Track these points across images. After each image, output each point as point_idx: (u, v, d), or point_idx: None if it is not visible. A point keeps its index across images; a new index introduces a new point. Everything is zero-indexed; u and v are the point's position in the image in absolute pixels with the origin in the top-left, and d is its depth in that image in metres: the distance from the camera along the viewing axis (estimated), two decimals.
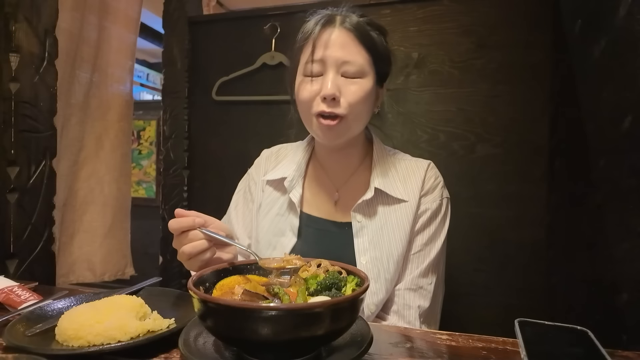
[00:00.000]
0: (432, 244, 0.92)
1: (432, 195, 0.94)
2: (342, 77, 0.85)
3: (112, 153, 1.68)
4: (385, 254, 0.89)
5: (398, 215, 0.92)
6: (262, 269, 0.67)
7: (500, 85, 1.32)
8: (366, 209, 0.92)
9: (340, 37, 0.85)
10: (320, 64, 0.85)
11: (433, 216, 0.93)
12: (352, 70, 0.84)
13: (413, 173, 0.95)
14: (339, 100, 0.84)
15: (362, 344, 0.54)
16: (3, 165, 1.18)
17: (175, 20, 1.66)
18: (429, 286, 0.91)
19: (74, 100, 1.53)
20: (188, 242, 0.72)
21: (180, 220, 0.73)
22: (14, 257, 1.19)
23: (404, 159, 1.00)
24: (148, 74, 5.96)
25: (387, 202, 0.93)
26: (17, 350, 0.56)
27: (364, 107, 0.87)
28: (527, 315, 0.57)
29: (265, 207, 1.00)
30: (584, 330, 0.54)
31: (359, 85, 0.85)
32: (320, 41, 0.86)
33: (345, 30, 0.86)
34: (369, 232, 0.91)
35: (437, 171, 0.98)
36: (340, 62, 0.84)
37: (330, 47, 0.85)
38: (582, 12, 1.01)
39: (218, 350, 0.55)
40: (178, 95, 1.67)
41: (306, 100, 0.87)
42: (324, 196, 0.98)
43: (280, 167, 1.02)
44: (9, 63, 1.17)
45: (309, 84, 0.86)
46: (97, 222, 1.66)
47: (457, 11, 1.35)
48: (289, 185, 0.97)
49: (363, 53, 0.85)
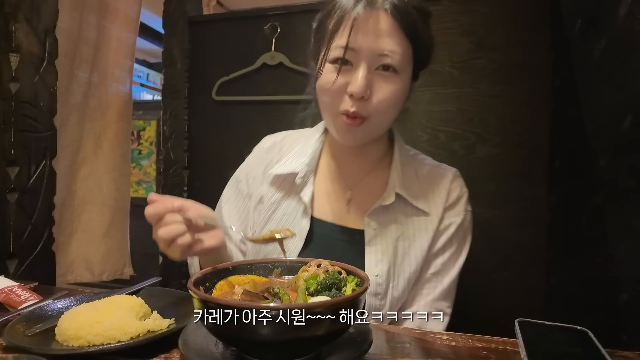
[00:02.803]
0: (453, 263, 0.83)
1: (457, 208, 0.84)
2: (375, 71, 0.73)
3: (111, 153, 1.68)
4: (397, 268, 0.80)
5: (417, 228, 0.82)
6: (262, 269, 0.67)
7: (500, 85, 1.32)
8: (382, 216, 0.82)
9: (381, 22, 0.71)
10: (353, 53, 0.72)
11: (456, 232, 0.83)
12: (389, 63, 0.72)
13: (436, 181, 0.85)
14: (368, 98, 0.73)
15: (362, 344, 0.54)
16: (3, 165, 1.18)
17: (175, 20, 1.66)
18: (448, 309, 0.82)
19: (72, 100, 1.53)
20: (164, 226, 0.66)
21: (155, 206, 0.67)
22: (14, 257, 1.19)
23: (426, 163, 0.90)
24: (148, 74, 5.96)
25: (405, 211, 0.83)
26: (17, 350, 0.56)
27: (394, 108, 0.77)
28: (527, 315, 0.57)
29: (269, 205, 0.89)
30: (584, 330, 0.54)
31: (394, 83, 0.74)
32: (358, 24, 0.71)
33: (387, 15, 0.71)
34: (382, 242, 0.81)
35: (462, 181, 0.88)
36: (377, 54, 0.71)
37: (369, 34, 0.71)
38: (582, 12, 1.01)
39: (218, 350, 0.55)
40: (178, 95, 1.67)
41: (330, 94, 0.75)
42: (335, 195, 0.88)
43: (288, 159, 0.90)
44: (9, 63, 1.17)
45: (333, 73, 0.74)
46: (96, 222, 1.65)
47: (457, 11, 1.34)
48: (301, 182, 0.86)
49: (404, 44, 0.73)
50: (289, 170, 0.88)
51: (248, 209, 0.93)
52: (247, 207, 0.93)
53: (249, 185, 0.94)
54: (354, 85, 0.72)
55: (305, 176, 0.87)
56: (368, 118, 0.75)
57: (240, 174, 0.97)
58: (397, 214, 0.82)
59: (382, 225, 0.82)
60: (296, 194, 0.87)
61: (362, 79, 0.71)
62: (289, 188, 0.88)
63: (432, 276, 0.82)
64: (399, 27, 0.72)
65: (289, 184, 0.88)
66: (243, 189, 0.95)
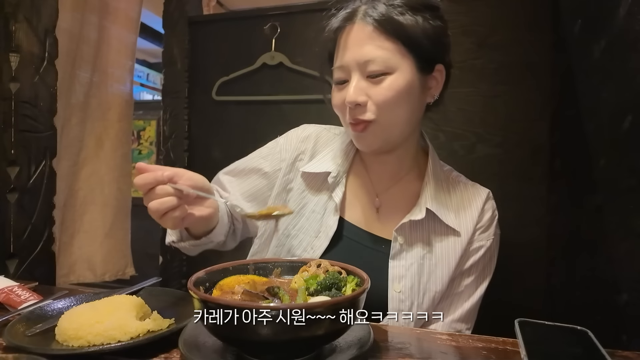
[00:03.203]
0: (476, 286, 0.82)
1: (488, 231, 0.83)
2: (367, 79, 0.75)
3: (112, 153, 1.68)
4: (422, 286, 0.79)
5: (446, 246, 0.81)
6: (262, 269, 0.67)
7: (500, 85, 1.32)
8: (411, 231, 0.81)
9: (360, 32, 0.75)
10: (342, 71, 0.77)
11: (484, 255, 0.83)
12: (376, 68, 0.74)
13: (470, 200, 0.84)
14: (366, 105, 0.75)
15: (362, 344, 0.54)
16: (3, 165, 1.18)
17: (175, 20, 1.66)
18: (467, 331, 0.82)
19: (74, 100, 1.53)
20: (155, 199, 0.65)
21: (145, 177, 0.66)
22: (14, 257, 1.19)
23: (459, 180, 0.89)
24: (148, 74, 5.96)
25: (435, 228, 0.81)
26: (17, 350, 0.56)
27: (399, 107, 0.76)
28: (527, 315, 0.57)
29: (299, 198, 0.88)
30: (584, 330, 0.54)
31: (388, 83, 0.74)
32: (344, 43, 0.77)
33: (365, 24, 0.75)
34: (408, 257, 0.80)
35: (494, 203, 0.87)
36: (361, 62, 0.74)
37: (353, 47, 0.76)
38: (582, 12, 1.01)
39: (218, 350, 0.55)
40: (178, 95, 1.67)
41: (338, 109, 0.81)
42: (364, 200, 0.87)
43: (321, 157, 0.90)
44: (9, 63, 1.17)
45: (338, 92, 0.79)
46: (98, 222, 1.66)
47: (457, 11, 1.34)
48: (333, 181, 0.86)
49: (388, 45, 0.74)
50: (322, 169, 0.87)
51: (260, 187, 0.92)
52: (261, 185, 0.92)
53: (272, 165, 0.92)
54: (347, 95, 0.75)
55: (338, 176, 0.87)
56: (373, 121, 0.76)
57: (267, 152, 0.95)
58: (426, 230, 0.81)
59: (409, 240, 0.81)
60: (327, 192, 0.86)
61: (352, 88, 0.75)
62: (319, 186, 0.88)
63: (454, 296, 0.81)
64: (379, 30, 0.74)
65: (320, 181, 0.88)
66: (265, 167, 0.93)
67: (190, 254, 0.90)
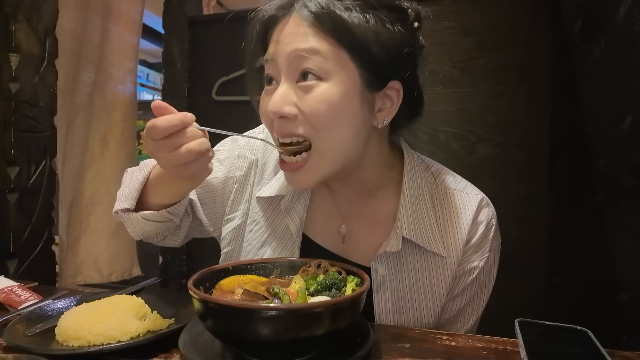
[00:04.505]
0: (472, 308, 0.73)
1: (481, 250, 0.71)
2: (297, 85, 0.60)
3: (117, 153, 1.69)
4: (412, 320, 0.70)
5: (434, 273, 0.70)
6: (262, 269, 0.67)
7: (501, 85, 1.32)
8: (391, 261, 0.69)
9: (292, 27, 0.60)
10: (271, 66, 0.63)
11: (478, 275, 0.71)
12: (308, 66, 0.59)
13: (457, 214, 0.70)
14: (296, 118, 0.60)
15: (362, 344, 0.54)
16: (3, 165, 1.18)
17: (175, 20, 1.66)
18: None
19: (78, 100, 1.54)
20: (187, 142, 0.56)
21: (170, 119, 0.55)
22: (14, 257, 1.19)
23: (447, 186, 0.72)
24: (148, 74, 5.96)
25: (419, 255, 0.70)
26: (17, 350, 0.56)
27: (336, 126, 0.60)
28: (527, 315, 0.57)
29: (262, 227, 0.76)
30: (584, 330, 0.54)
31: (319, 92, 0.59)
32: (272, 37, 0.63)
33: (300, 18, 0.60)
34: (393, 290, 0.69)
35: (490, 211, 0.72)
36: (291, 57, 0.59)
37: (280, 41, 0.61)
38: (582, 12, 1.01)
39: (218, 350, 0.55)
40: (178, 95, 1.67)
41: (264, 120, 0.66)
42: (329, 227, 0.74)
43: (277, 178, 0.76)
44: (9, 63, 1.17)
45: (265, 96, 0.64)
46: (104, 222, 1.66)
47: (457, 11, 1.35)
48: (286, 207, 0.74)
49: (325, 46, 0.58)
50: (275, 192, 0.74)
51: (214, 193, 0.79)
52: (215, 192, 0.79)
53: (227, 171, 0.80)
54: (269, 104, 0.61)
55: (293, 201, 0.74)
56: (308, 155, 0.62)
57: (225, 156, 0.82)
58: (410, 260, 0.69)
59: (391, 270, 0.69)
60: (284, 217, 0.74)
61: (277, 95, 0.60)
62: (276, 208, 0.76)
63: (445, 322, 0.72)
64: (317, 26, 0.59)
65: (275, 204, 0.76)
66: (219, 174, 0.79)
67: (135, 231, 0.78)
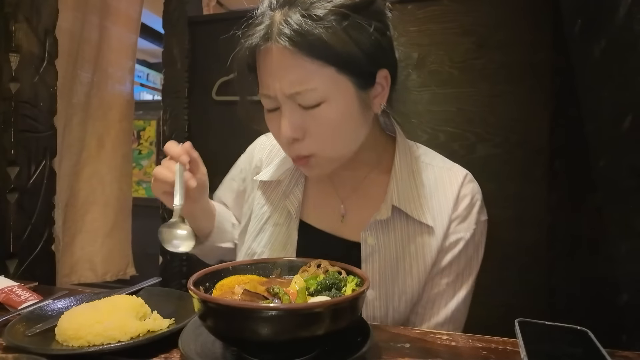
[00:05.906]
0: (462, 282, 0.74)
1: (466, 221, 0.74)
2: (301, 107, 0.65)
3: (113, 153, 1.68)
4: (397, 290, 0.72)
5: (420, 244, 0.73)
6: (262, 269, 0.67)
7: (501, 85, 1.32)
8: (380, 230, 0.74)
9: (277, 57, 0.63)
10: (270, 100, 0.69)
11: (465, 249, 0.73)
12: (307, 101, 0.64)
13: (443, 188, 0.75)
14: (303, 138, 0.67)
15: (362, 344, 0.54)
16: (3, 165, 1.18)
17: (175, 20, 1.66)
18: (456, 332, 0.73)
19: (75, 100, 1.53)
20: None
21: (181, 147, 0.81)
22: (14, 257, 1.19)
23: (432, 164, 0.78)
24: (148, 74, 5.96)
25: (407, 225, 0.73)
26: (17, 350, 0.56)
27: (339, 137, 0.68)
28: (527, 315, 0.57)
29: (260, 213, 0.84)
30: (584, 330, 0.54)
31: (324, 114, 0.64)
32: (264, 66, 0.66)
33: (281, 48, 0.62)
34: (380, 260, 0.73)
35: (474, 186, 0.77)
36: (287, 95, 0.64)
37: (271, 75, 0.65)
38: (582, 12, 1.01)
39: (218, 350, 0.55)
40: (178, 95, 1.67)
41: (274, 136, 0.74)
42: (328, 209, 0.79)
43: (275, 165, 0.84)
44: (9, 63, 1.17)
45: (271, 117, 0.71)
46: (99, 222, 1.66)
47: (457, 11, 1.35)
48: (287, 190, 0.81)
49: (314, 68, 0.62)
50: (274, 177, 0.82)
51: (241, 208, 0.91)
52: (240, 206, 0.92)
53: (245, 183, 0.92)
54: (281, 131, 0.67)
55: (291, 185, 0.81)
56: (314, 155, 0.68)
57: (233, 173, 0.97)
58: (398, 229, 0.73)
59: (380, 241, 0.73)
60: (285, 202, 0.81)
61: (285, 124, 0.66)
62: (280, 195, 0.82)
63: (435, 296, 0.74)
64: (300, 53, 0.61)
65: (279, 191, 0.83)
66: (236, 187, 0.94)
67: (206, 260, 0.94)
